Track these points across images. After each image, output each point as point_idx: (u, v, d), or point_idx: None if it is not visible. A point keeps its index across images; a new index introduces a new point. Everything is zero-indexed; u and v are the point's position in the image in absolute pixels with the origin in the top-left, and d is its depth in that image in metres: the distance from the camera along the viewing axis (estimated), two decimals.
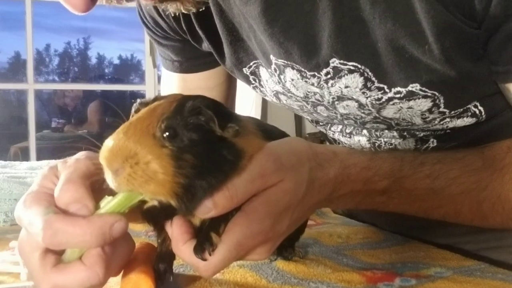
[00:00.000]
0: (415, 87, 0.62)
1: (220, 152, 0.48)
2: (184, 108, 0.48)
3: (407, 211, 0.65)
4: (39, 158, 3.72)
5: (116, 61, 5.81)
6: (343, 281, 0.57)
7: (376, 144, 0.77)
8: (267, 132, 0.56)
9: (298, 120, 3.61)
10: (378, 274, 0.60)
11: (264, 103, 3.44)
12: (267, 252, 0.52)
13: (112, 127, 0.52)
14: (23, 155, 4.04)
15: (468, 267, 0.63)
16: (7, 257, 0.65)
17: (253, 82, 0.80)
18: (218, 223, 0.50)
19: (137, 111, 0.51)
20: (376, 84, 0.63)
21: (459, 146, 0.68)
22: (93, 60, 5.72)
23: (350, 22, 0.59)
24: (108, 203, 0.47)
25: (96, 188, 0.48)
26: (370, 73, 0.62)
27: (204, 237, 0.49)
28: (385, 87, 0.63)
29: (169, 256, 0.55)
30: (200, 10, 0.62)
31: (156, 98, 0.52)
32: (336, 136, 0.82)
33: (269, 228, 0.49)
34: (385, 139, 0.76)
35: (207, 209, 0.47)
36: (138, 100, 0.53)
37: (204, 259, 0.48)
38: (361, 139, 0.78)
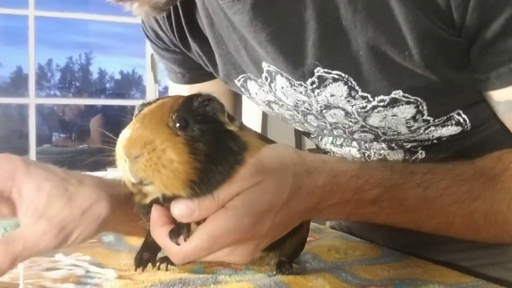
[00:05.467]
0: (397, 93, 0.62)
1: (227, 142, 0.51)
2: (193, 101, 0.51)
3: (399, 222, 0.64)
4: None
5: (118, 76, 5.83)
6: None
7: (366, 154, 0.77)
8: (267, 141, 0.58)
9: (298, 136, 3.61)
10: None
11: (264, 118, 3.44)
12: (248, 254, 0.53)
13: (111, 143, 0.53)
14: None
15: (466, 284, 0.63)
16: None
17: (244, 93, 0.81)
18: None
19: (140, 111, 0.53)
20: (360, 93, 0.64)
21: (448, 158, 0.68)
22: (95, 75, 5.74)
23: (333, 31, 0.60)
24: None
25: None
26: (353, 82, 0.63)
27: (183, 223, 0.50)
28: (369, 96, 0.64)
29: (155, 247, 0.56)
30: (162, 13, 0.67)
31: (158, 99, 0.55)
32: (328, 146, 0.83)
33: (248, 227, 0.50)
34: (374, 150, 0.76)
35: (191, 210, 0.48)
36: (141, 101, 0.56)
37: (178, 244, 0.49)
38: (352, 150, 0.78)
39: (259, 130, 3.03)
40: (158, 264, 0.65)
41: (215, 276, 0.64)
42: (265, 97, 0.77)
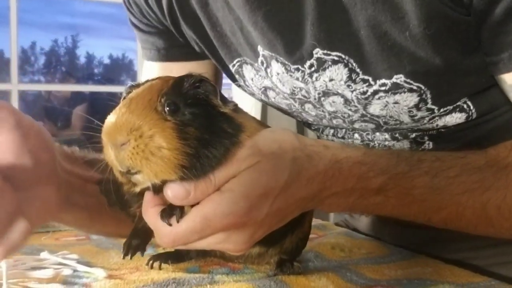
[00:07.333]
0: (399, 78, 0.60)
1: (221, 125, 0.49)
2: (184, 83, 0.49)
3: (406, 214, 0.62)
4: None
5: (107, 61, 5.74)
6: None
7: (370, 146, 0.74)
8: (265, 127, 0.56)
9: (300, 129, 3.58)
10: None
11: (264, 111, 3.42)
12: (243, 242, 0.51)
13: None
14: None
15: (478, 284, 0.61)
16: None
17: (238, 80, 0.78)
18: None
19: (128, 94, 0.51)
20: (361, 76, 0.62)
21: (458, 149, 0.65)
22: (82, 59, 5.64)
23: (332, 9, 0.59)
24: None
25: None
26: (354, 64, 0.61)
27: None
28: (370, 79, 0.62)
29: (145, 234, 0.55)
30: None
31: (147, 81, 0.53)
32: (330, 138, 0.80)
33: (243, 211, 0.48)
34: (378, 141, 0.73)
35: (186, 192, 0.47)
36: (129, 83, 0.54)
37: (170, 224, 0.48)
38: (355, 142, 0.76)
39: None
40: (150, 262, 0.63)
41: (211, 275, 0.62)
42: (262, 83, 0.75)
